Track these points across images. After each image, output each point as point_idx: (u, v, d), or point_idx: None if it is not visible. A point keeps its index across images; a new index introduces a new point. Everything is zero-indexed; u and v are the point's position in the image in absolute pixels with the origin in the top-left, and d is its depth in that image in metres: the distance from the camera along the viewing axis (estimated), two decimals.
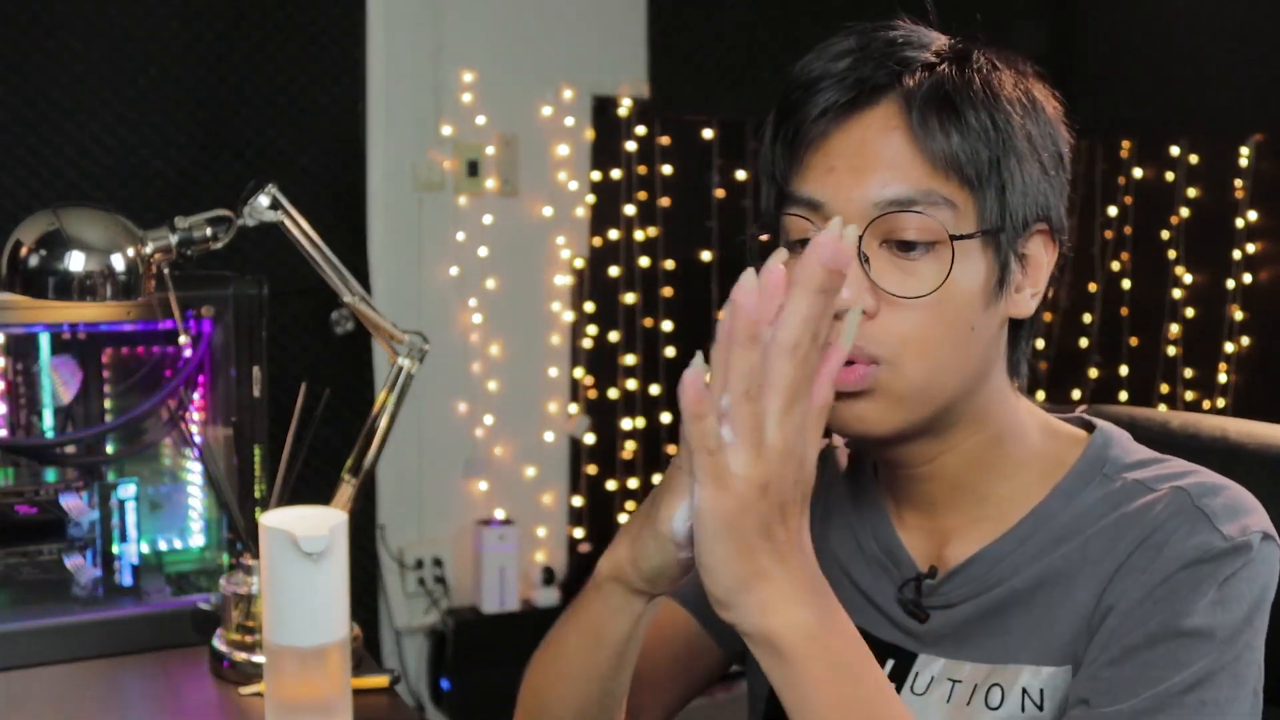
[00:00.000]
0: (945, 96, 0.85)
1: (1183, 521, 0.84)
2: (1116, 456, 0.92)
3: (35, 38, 2.50)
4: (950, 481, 0.93)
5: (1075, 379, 3.57)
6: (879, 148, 0.85)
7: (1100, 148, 3.46)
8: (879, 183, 0.85)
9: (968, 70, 0.87)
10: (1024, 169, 0.86)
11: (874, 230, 0.85)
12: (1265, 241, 3.11)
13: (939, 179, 0.85)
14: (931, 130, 0.84)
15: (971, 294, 0.86)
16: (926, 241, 0.85)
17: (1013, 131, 0.86)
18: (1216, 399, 3.21)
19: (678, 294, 3.34)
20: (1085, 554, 0.88)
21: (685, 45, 3.25)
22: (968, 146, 0.84)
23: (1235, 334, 3.17)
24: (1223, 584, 0.82)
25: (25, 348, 1.49)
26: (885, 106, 0.87)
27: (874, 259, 0.85)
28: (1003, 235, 0.86)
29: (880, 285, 0.85)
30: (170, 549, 1.60)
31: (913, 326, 0.85)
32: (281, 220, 1.34)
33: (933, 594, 0.93)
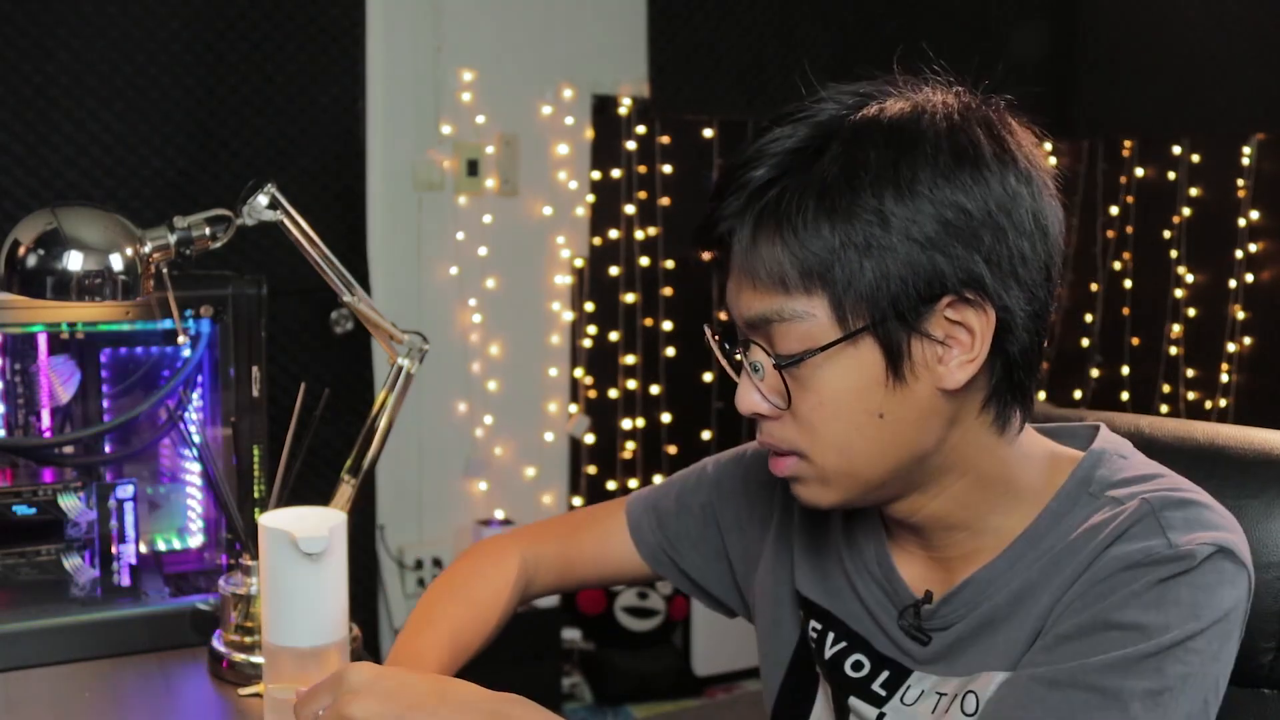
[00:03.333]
0: (775, 213, 0.86)
1: (1137, 529, 0.85)
2: (1103, 476, 0.92)
3: (35, 38, 2.49)
4: (942, 522, 0.95)
5: (1077, 379, 3.57)
6: (736, 274, 0.90)
7: (1101, 147, 3.46)
8: (740, 307, 0.90)
9: (813, 169, 0.85)
10: (886, 257, 0.83)
11: (754, 348, 0.90)
12: (1267, 241, 3.11)
13: (781, 295, 0.86)
14: (759, 253, 0.86)
15: (857, 390, 0.86)
16: (788, 358, 0.87)
17: (859, 226, 0.83)
18: (1218, 399, 3.21)
19: (678, 294, 3.34)
20: (1056, 566, 0.89)
21: (685, 45, 3.24)
22: (798, 260, 0.85)
23: (1237, 334, 3.16)
24: (1159, 585, 0.82)
25: (23, 348, 1.48)
26: (739, 231, 0.89)
27: (766, 370, 0.89)
28: (883, 326, 0.84)
29: (765, 395, 0.89)
30: (169, 549, 1.60)
31: (815, 422, 0.88)
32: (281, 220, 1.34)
33: (931, 618, 0.95)
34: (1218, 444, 1.03)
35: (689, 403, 3.39)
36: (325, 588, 1.09)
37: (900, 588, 0.97)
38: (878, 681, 0.98)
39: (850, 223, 0.83)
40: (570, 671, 3.23)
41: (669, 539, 1.18)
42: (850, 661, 1.00)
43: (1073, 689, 0.82)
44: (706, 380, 3.41)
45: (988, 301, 0.85)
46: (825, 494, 0.92)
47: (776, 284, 0.86)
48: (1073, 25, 3.57)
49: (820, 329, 0.86)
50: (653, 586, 3.26)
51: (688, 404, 3.39)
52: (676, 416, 3.38)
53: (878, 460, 0.89)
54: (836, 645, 1.01)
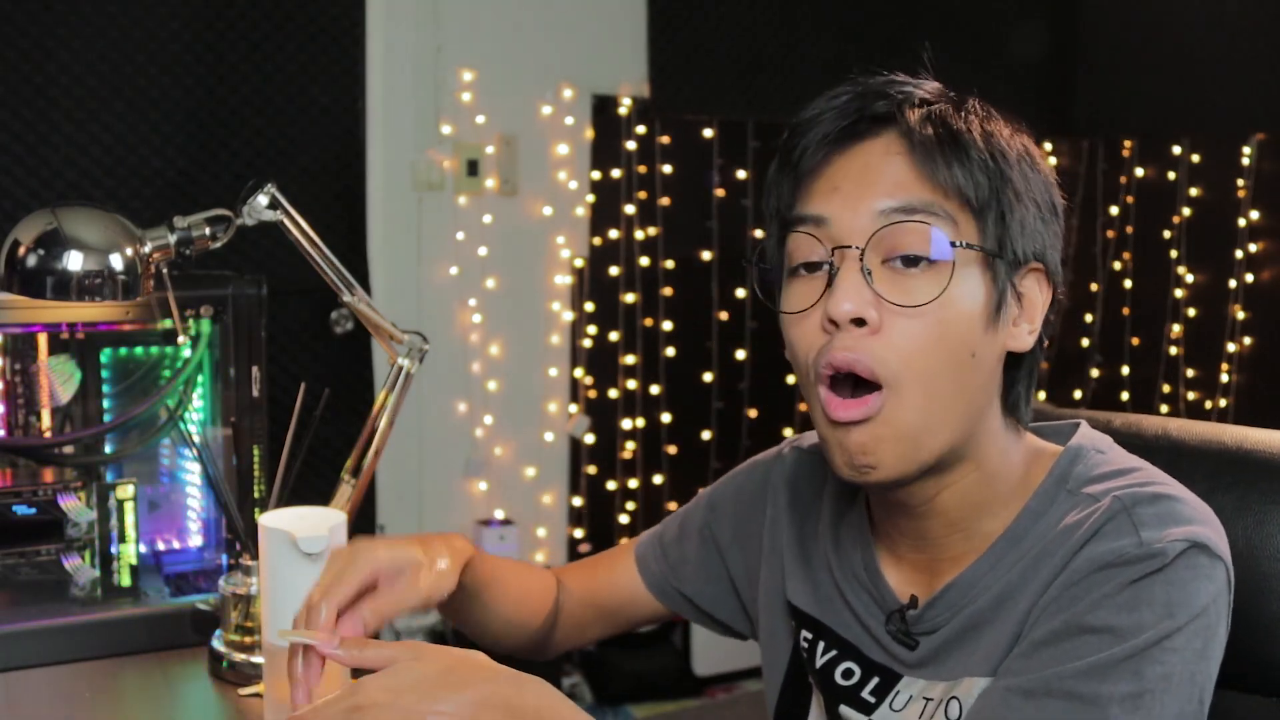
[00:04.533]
0: (946, 129, 0.89)
1: (1110, 528, 0.85)
2: (1080, 472, 0.92)
3: (35, 37, 2.49)
4: (945, 519, 0.95)
5: (1077, 379, 3.57)
6: (882, 170, 0.89)
7: (1102, 147, 3.46)
8: (883, 194, 0.88)
9: (965, 112, 0.91)
10: (1021, 205, 0.90)
11: (877, 245, 0.87)
12: (1267, 241, 3.11)
13: (939, 196, 0.88)
14: (933, 157, 0.88)
15: (971, 315, 0.88)
16: (928, 257, 0.87)
17: (1010, 172, 0.89)
18: (1218, 399, 3.21)
19: (678, 294, 3.34)
20: (1036, 568, 0.89)
21: (685, 45, 3.24)
22: (968, 175, 0.88)
23: (1237, 333, 3.16)
24: (1131, 585, 0.82)
25: (23, 347, 1.48)
26: (886, 136, 0.90)
27: (876, 274, 0.87)
28: (1000, 262, 0.89)
29: (883, 296, 0.87)
30: (169, 549, 1.60)
31: (915, 342, 0.87)
32: (281, 220, 1.33)
33: (918, 622, 0.95)
34: (1245, 447, 1.03)
35: (689, 403, 3.39)
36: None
37: (886, 593, 0.98)
38: (867, 689, 0.98)
39: (1009, 170, 0.89)
40: (570, 671, 3.23)
41: (671, 566, 1.18)
42: (840, 670, 1.00)
43: (1049, 697, 0.81)
44: (706, 380, 3.41)
45: (1050, 281, 0.93)
46: (893, 452, 0.88)
47: (937, 188, 0.87)
48: (1073, 25, 3.57)
49: (959, 238, 0.88)
50: None
51: (688, 404, 3.39)
52: (676, 416, 3.38)
53: (948, 410, 0.88)
54: (827, 654, 1.01)
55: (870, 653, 0.99)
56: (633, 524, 3.36)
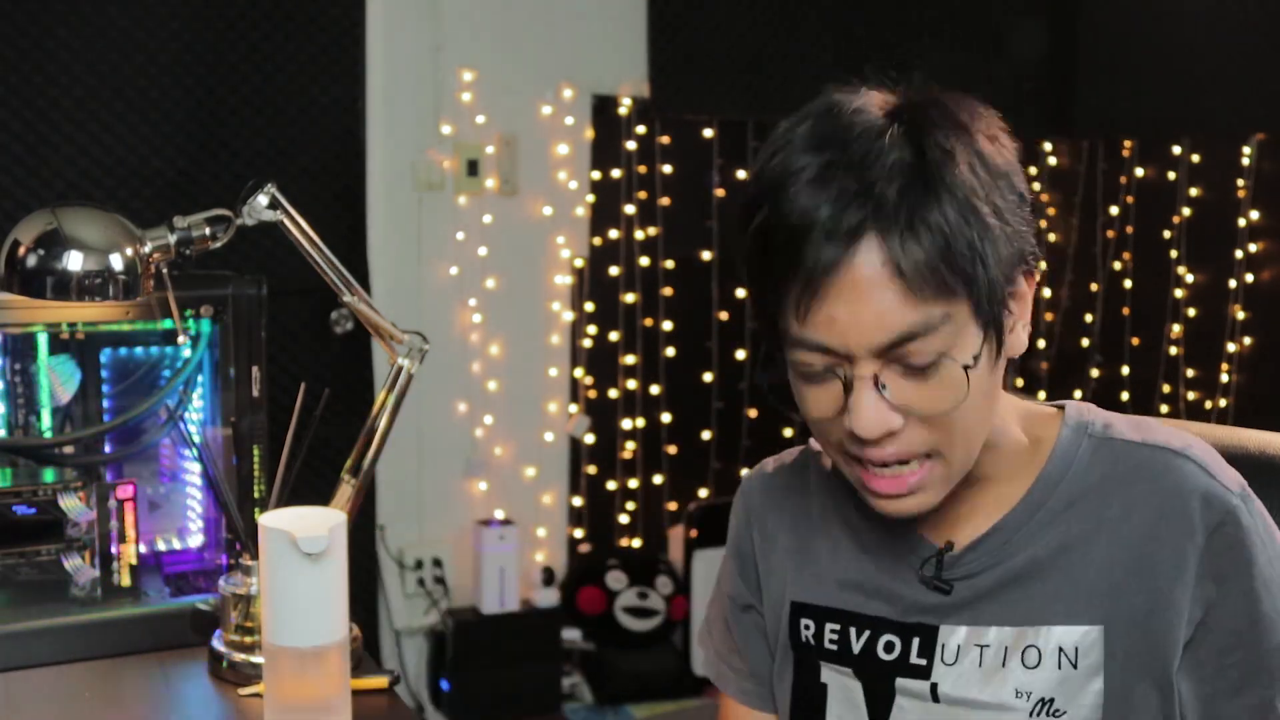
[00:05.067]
0: (919, 217, 0.84)
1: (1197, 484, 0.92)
2: (1093, 419, 0.99)
3: (35, 37, 2.49)
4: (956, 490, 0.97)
5: (1077, 379, 3.57)
6: (872, 293, 0.84)
7: (1101, 147, 3.46)
8: (880, 328, 0.85)
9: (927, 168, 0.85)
10: (996, 239, 0.86)
11: (886, 360, 0.87)
12: (1267, 241, 3.11)
13: (931, 304, 0.85)
14: (916, 262, 0.84)
15: (983, 374, 0.89)
16: (932, 362, 0.87)
17: (978, 208, 0.85)
18: (1218, 399, 3.21)
19: (678, 294, 3.34)
20: (1101, 519, 0.94)
21: (685, 45, 3.24)
22: (947, 264, 0.84)
23: (1237, 334, 3.16)
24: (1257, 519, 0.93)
25: (23, 347, 1.48)
26: (867, 241, 0.84)
27: (890, 383, 0.87)
28: (993, 308, 0.88)
29: (901, 407, 0.88)
30: (169, 549, 1.60)
31: (946, 423, 0.89)
32: (281, 220, 1.34)
33: (954, 566, 0.98)
34: (1269, 453, 1.05)
35: (689, 403, 3.39)
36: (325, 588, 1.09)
37: (916, 540, 1.00)
38: (913, 653, 0.99)
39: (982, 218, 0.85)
40: (570, 671, 3.23)
41: (749, 668, 1.14)
42: (882, 644, 1.01)
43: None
44: (706, 380, 3.41)
45: (1034, 266, 0.93)
46: (937, 493, 0.93)
47: (923, 292, 0.84)
48: (1073, 25, 3.57)
49: (958, 326, 0.86)
50: (652, 586, 3.26)
51: (688, 404, 3.39)
52: (676, 416, 3.38)
53: (981, 439, 0.93)
54: (862, 636, 1.02)
55: (901, 614, 1.00)
56: (633, 524, 3.37)
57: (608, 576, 3.24)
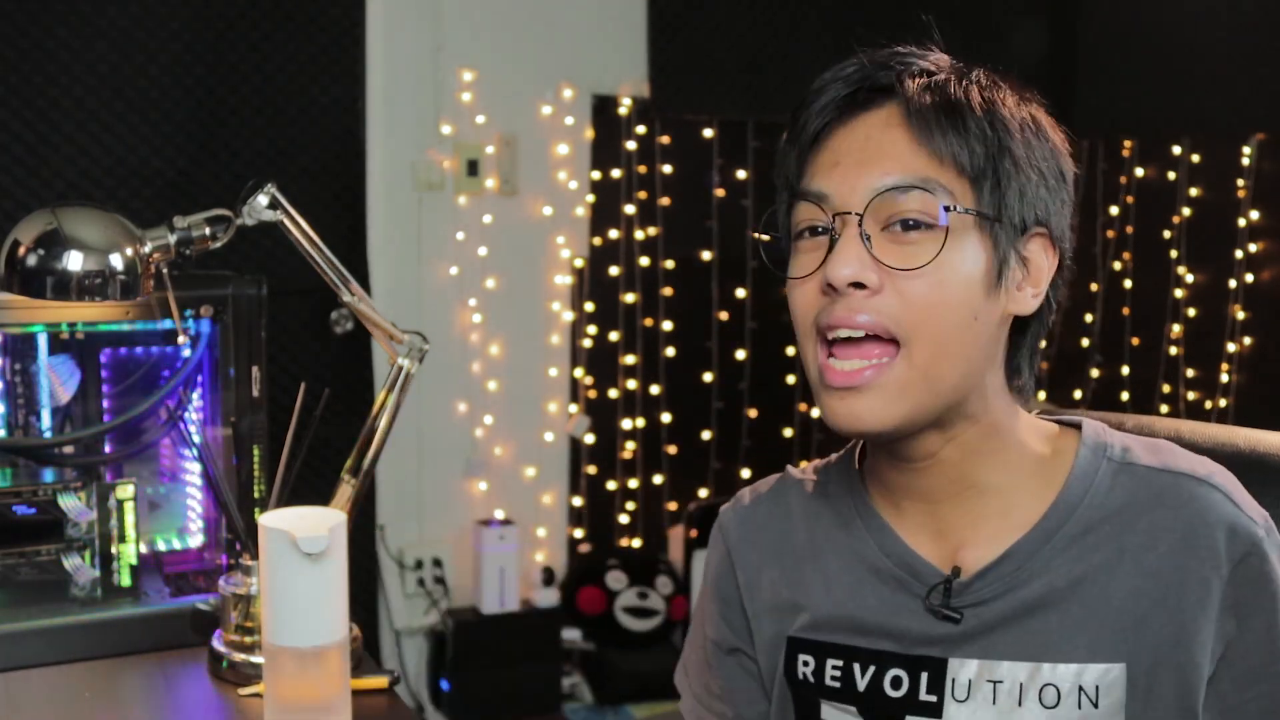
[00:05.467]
0: (944, 100, 0.91)
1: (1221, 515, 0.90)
2: (1110, 442, 0.96)
3: (35, 38, 2.49)
4: (950, 474, 0.95)
5: (1077, 379, 3.57)
6: (880, 143, 0.91)
7: (1101, 147, 3.46)
8: (880, 173, 0.90)
9: (966, 82, 0.93)
10: (1020, 172, 0.91)
11: (875, 213, 0.89)
12: (1267, 241, 3.11)
13: (935, 168, 0.89)
14: (930, 129, 0.90)
15: (971, 277, 0.90)
16: (925, 222, 0.89)
17: (1010, 139, 0.91)
18: (1218, 399, 3.21)
19: (678, 294, 3.34)
20: (1122, 548, 0.91)
21: (685, 45, 3.24)
22: (964, 145, 0.90)
23: (1237, 334, 3.16)
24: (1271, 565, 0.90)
25: (23, 347, 1.48)
26: (887, 107, 0.92)
27: (875, 240, 0.89)
28: (998, 227, 0.90)
29: (881, 260, 0.89)
30: (169, 549, 1.60)
31: (918, 298, 0.89)
32: (281, 220, 1.34)
33: (962, 594, 0.94)
34: (1259, 451, 1.05)
35: (689, 403, 3.39)
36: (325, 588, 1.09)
37: (920, 566, 0.96)
38: (922, 688, 0.94)
39: (1009, 139, 0.91)
40: (570, 671, 3.23)
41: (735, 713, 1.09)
42: (889, 680, 0.96)
43: None
44: (706, 380, 3.41)
45: (1056, 247, 0.94)
46: (895, 406, 0.90)
47: (934, 159, 0.89)
48: (1073, 25, 3.57)
49: (955, 205, 0.89)
50: (652, 586, 3.26)
51: (688, 404, 3.39)
52: (676, 416, 3.38)
53: (954, 366, 0.90)
54: (867, 672, 0.97)
55: (908, 648, 0.95)
56: (633, 524, 3.36)
57: (608, 576, 3.24)
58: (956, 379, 0.91)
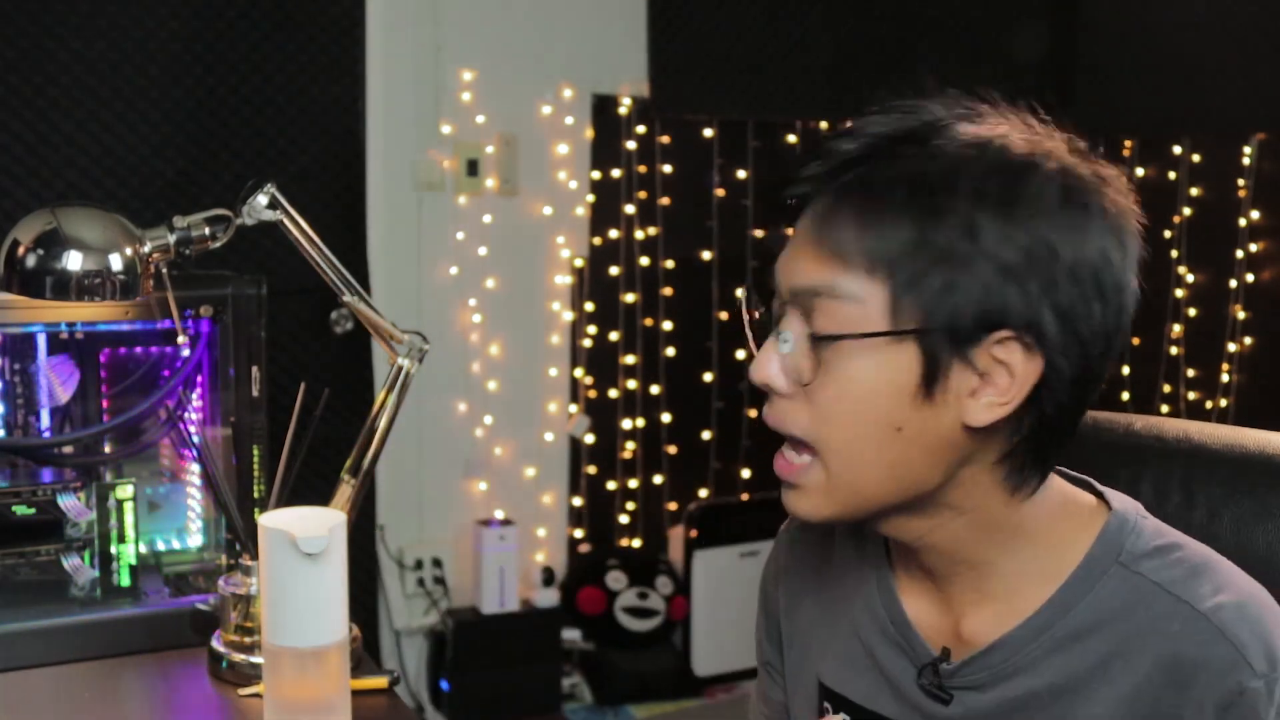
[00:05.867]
0: (867, 187, 0.82)
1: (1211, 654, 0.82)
2: (1132, 544, 0.87)
3: (34, 37, 2.49)
4: (947, 555, 0.90)
5: None
6: (797, 240, 0.86)
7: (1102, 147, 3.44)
8: (793, 273, 0.86)
9: (911, 160, 0.82)
10: (959, 269, 0.80)
11: (792, 316, 0.86)
12: (1268, 241, 3.11)
13: (841, 271, 0.82)
14: (835, 226, 0.83)
15: (885, 393, 0.82)
16: (825, 335, 0.83)
17: (943, 229, 0.80)
18: (1219, 399, 3.21)
19: (678, 294, 3.34)
20: (1106, 665, 0.85)
21: (685, 45, 3.24)
22: (870, 242, 0.81)
23: (1238, 334, 3.16)
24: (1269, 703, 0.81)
25: (23, 347, 1.48)
26: (821, 201, 0.86)
27: (792, 334, 0.86)
28: (930, 337, 0.81)
29: (785, 362, 0.86)
30: (169, 549, 1.60)
31: (825, 408, 0.84)
32: (280, 220, 1.33)
33: (952, 677, 0.91)
34: (1269, 452, 1.02)
35: (689, 403, 3.39)
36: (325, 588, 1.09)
37: (917, 644, 0.93)
38: None
39: (937, 223, 0.80)
40: (570, 671, 3.23)
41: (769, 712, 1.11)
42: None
43: None
44: (706, 380, 3.41)
45: (1040, 350, 0.81)
46: (823, 505, 0.87)
47: (838, 258, 0.82)
48: (1073, 25, 3.57)
49: (868, 318, 0.82)
50: (652, 586, 3.26)
51: (688, 404, 3.39)
52: (676, 416, 3.38)
53: (883, 478, 0.85)
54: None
55: (904, 716, 0.94)
56: (633, 524, 3.36)
57: (608, 576, 3.24)
58: (889, 487, 0.85)
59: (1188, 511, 1.03)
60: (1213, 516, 1.02)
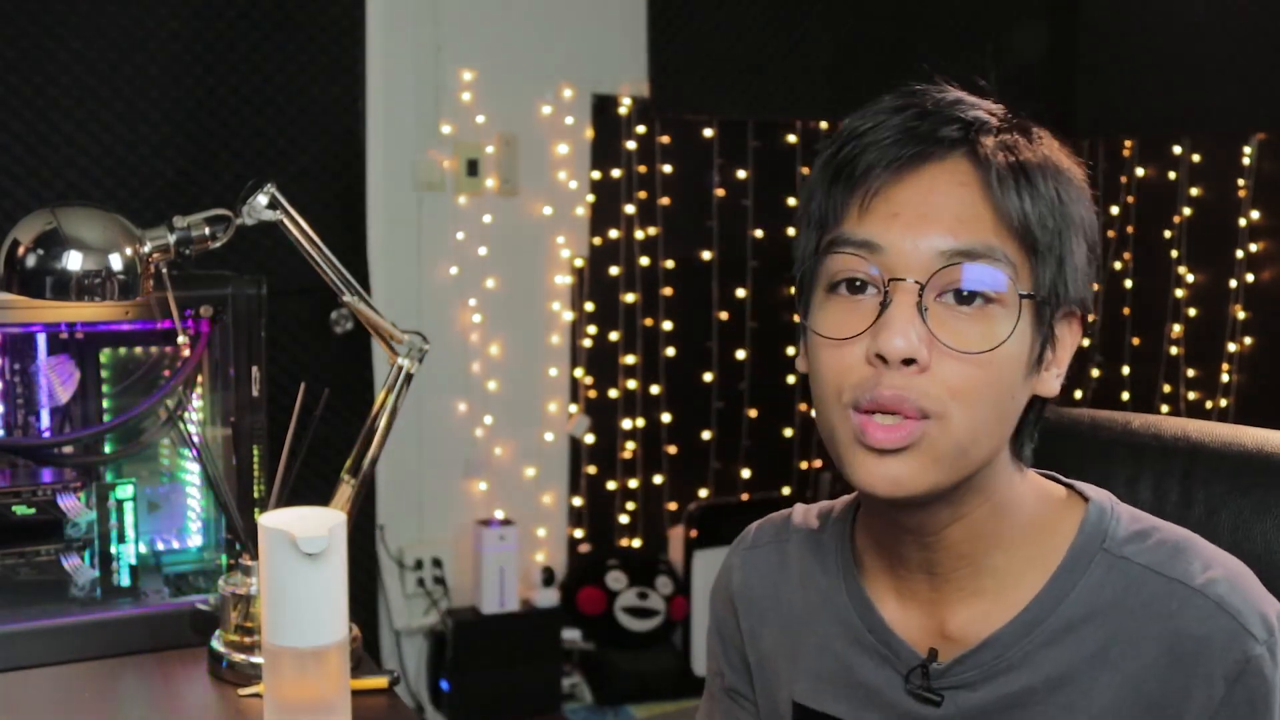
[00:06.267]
0: (1019, 161, 0.85)
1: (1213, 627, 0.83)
2: (1114, 529, 0.89)
3: (35, 38, 2.49)
4: (954, 551, 0.91)
5: (1077, 379, 3.57)
6: (947, 200, 0.83)
7: (1102, 147, 3.46)
8: (945, 232, 0.83)
9: (1034, 141, 0.87)
10: (1078, 248, 0.86)
11: (935, 280, 0.83)
12: (1267, 241, 3.11)
13: (1003, 238, 0.83)
14: (1006, 190, 0.83)
15: (1018, 360, 0.85)
16: (985, 296, 0.83)
17: (1072, 209, 0.86)
18: (1219, 399, 3.21)
19: (678, 294, 3.34)
20: (1106, 653, 0.86)
21: (685, 45, 3.24)
22: (1037, 212, 0.83)
23: (1238, 333, 3.16)
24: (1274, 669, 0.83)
25: (23, 347, 1.48)
26: (955, 162, 0.85)
27: (931, 311, 0.83)
28: (1050, 307, 0.85)
29: (938, 337, 0.82)
30: (168, 549, 1.60)
31: (963, 380, 0.83)
32: (280, 220, 1.33)
33: (942, 678, 0.90)
34: (1267, 450, 1.02)
35: (689, 403, 3.39)
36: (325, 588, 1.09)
37: (900, 649, 0.93)
38: None
39: (1071, 203, 0.85)
40: (570, 671, 3.23)
41: None
42: None
43: None
44: (706, 380, 3.41)
45: (1081, 322, 0.88)
46: (926, 474, 0.84)
47: (1004, 226, 0.83)
48: (1073, 25, 3.57)
49: (1020, 283, 0.84)
50: (652, 586, 3.26)
51: (688, 404, 3.39)
52: (676, 416, 3.38)
53: (987, 441, 0.85)
54: None
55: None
56: (633, 524, 3.36)
57: (608, 576, 3.24)
58: (985, 455, 0.86)
59: (1186, 510, 1.03)
60: (1211, 514, 1.02)
